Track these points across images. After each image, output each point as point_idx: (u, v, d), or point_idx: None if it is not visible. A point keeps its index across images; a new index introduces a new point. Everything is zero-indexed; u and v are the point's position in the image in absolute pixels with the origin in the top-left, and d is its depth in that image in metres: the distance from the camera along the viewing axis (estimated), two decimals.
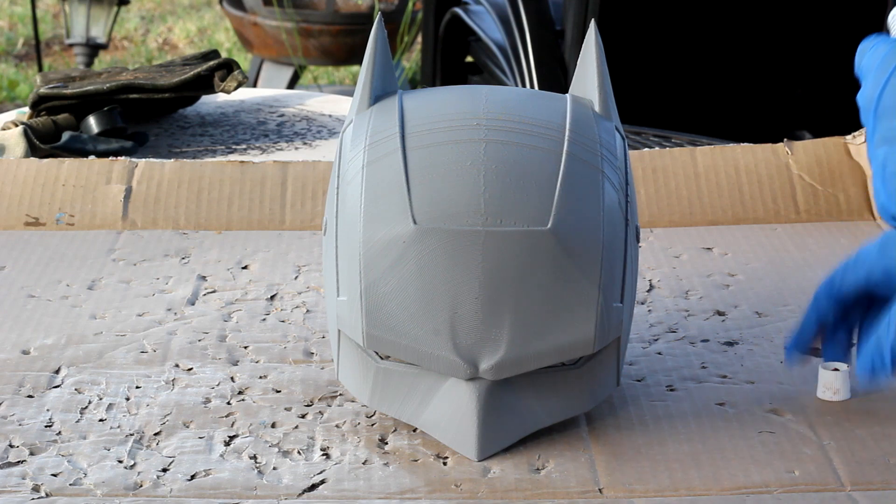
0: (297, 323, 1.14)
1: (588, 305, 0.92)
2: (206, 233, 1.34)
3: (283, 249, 1.30)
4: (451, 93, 1.01)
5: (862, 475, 0.92)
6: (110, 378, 1.04)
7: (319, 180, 1.39)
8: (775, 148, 1.41)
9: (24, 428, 0.97)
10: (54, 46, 5.49)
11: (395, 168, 0.93)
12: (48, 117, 1.63)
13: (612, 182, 0.94)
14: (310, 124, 1.79)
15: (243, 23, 4.05)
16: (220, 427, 0.98)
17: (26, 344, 1.10)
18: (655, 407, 1.00)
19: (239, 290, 1.21)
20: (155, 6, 6.12)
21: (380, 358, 0.95)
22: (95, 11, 4.29)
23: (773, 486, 0.90)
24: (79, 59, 4.31)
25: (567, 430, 0.97)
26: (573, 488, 0.90)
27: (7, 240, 1.32)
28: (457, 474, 0.92)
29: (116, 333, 1.12)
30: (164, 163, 1.40)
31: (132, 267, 1.26)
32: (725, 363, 1.07)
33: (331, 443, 0.96)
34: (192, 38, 5.68)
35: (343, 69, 5.03)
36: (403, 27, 3.96)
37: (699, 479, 0.91)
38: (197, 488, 0.90)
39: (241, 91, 1.88)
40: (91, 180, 1.38)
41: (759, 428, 0.97)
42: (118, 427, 0.97)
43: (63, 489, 0.90)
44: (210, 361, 1.07)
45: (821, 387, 1.02)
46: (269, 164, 1.41)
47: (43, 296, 1.19)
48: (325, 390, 1.03)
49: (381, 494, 0.90)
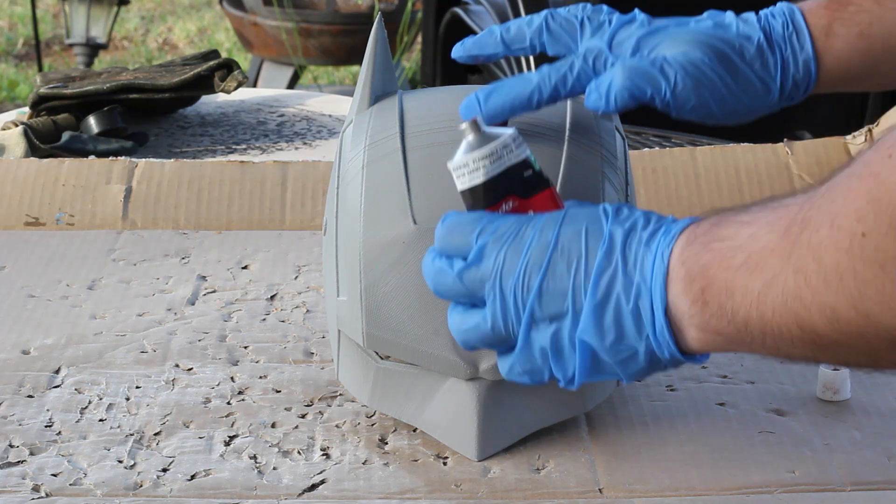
0: (297, 323, 1.14)
1: None
2: (206, 233, 1.34)
3: (283, 249, 1.30)
4: (451, 93, 1.01)
5: (862, 475, 0.92)
6: (110, 378, 1.04)
7: (319, 180, 1.39)
8: (775, 148, 1.41)
9: (24, 428, 0.97)
10: (54, 46, 5.49)
11: (395, 168, 0.93)
12: (48, 117, 1.63)
13: (613, 183, 0.94)
14: (310, 124, 1.79)
15: (243, 23, 4.05)
16: (220, 427, 0.98)
17: (26, 344, 1.10)
18: (655, 407, 1.00)
19: (239, 290, 1.21)
20: (155, 6, 6.12)
21: (380, 358, 0.95)
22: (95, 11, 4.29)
23: (774, 486, 0.90)
24: (79, 59, 4.32)
25: (567, 430, 0.97)
26: (573, 488, 0.90)
27: (7, 240, 1.32)
28: (457, 474, 0.92)
29: (116, 333, 1.12)
30: (164, 163, 1.40)
31: (132, 267, 1.26)
32: (726, 363, 1.07)
33: (331, 443, 0.96)
34: (192, 38, 5.68)
35: (343, 69, 5.04)
36: (403, 27, 3.96)
37: (699, 479, 0.91)
38: (197, 488, 0.90)
39: (241, 91, 1.88)
40: (91, 180, 1.38)
41: (759, 428, 0.97)
42: (118, 427, 0.97)
43: (63, 489, 0.90)
44: (210, 361, 1.07)
45: (821, 387, 1.02)
46: (269, 164, 1.41)
47: (43, 296, 1.19)
48: (325, 390, 1.03)
49: (381, 494, 0.90)
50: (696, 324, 0.80)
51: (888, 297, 0.69)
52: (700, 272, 0.79)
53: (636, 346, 0.82)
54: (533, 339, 0.84)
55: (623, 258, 0.82)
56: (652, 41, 0.95)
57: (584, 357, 0.83)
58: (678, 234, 0.81)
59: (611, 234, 0.82)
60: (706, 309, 0.79)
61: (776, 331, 0.76)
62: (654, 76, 0.93)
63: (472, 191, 0.86)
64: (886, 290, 0.69)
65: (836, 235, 0.71)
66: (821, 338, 0.74)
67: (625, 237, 0.82)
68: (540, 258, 0.83)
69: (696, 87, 0.93)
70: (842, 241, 0.71)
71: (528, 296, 0.83)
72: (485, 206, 0.86)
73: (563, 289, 0.82)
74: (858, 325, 0.72)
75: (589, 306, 0.82)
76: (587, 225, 0.83)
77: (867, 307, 0.71)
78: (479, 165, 0.85)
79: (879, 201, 0.69)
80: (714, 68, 0.94)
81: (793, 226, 0.75)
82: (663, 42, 0.94)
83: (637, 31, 0.95)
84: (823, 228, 0.72)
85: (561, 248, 0.83)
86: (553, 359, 0.84)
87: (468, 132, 0.86)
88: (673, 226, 0.82)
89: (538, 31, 0.98)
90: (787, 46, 0.96)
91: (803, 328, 0.75)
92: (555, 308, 0.83)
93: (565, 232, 0.83)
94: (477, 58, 1.00)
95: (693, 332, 0.80)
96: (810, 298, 0.73)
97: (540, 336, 0.84)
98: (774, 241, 0.76)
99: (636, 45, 0.95)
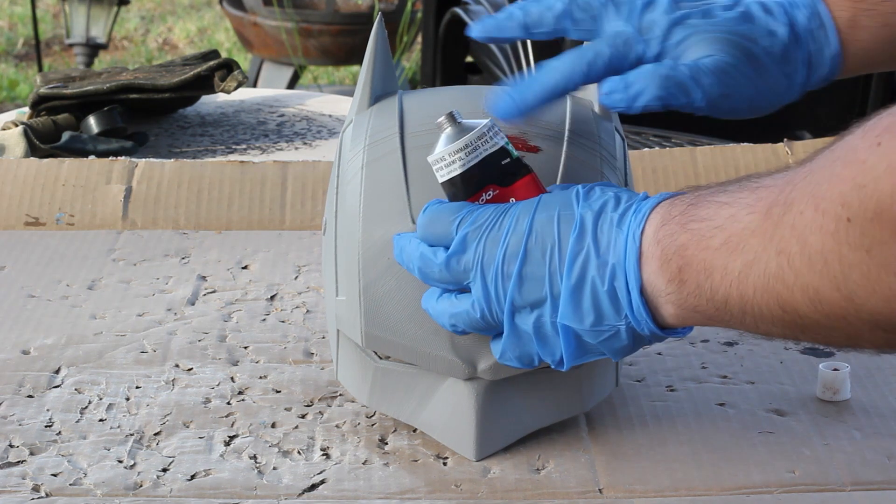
0: (297, 323, 1.14)
1: None
2: (206, 233, 1.34)
3: (283, 249, 1.30)
4: (451, 93, 1.01)
5: (862, 475, 0.92)
6: (110, 378, 1.04)
7: (319, 180, 1.39)
8: (775, 148, 1.41)
9: (24, 428, 0.97)
10: (54, 46, 5.49)
11: (395, 168, 0.93)
12: (48, 117, 1.63)
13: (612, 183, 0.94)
14: (310, 124, 1.79)
15: (243, 23, 4.05)
16: (220, 427, 0.98)
17: (26, 344, 1.10)
18: (655, 407, 1.00)
19: (239, 290, 1.21)
20: (155, 6, 6.12)
21: (378, 358, 0.95)
22: (95, 11, 4.29)
23: (774, 486, 0.90)
24: (79, 59, 4.32)
25: (567, 431, 0.97)
26: (573, 489, 0.90)
27: (7, 240, 1.32)
28: (457, 474, 0.92)
29: (116, 333, 1.12)
30: (164, 163, 1.40)
31: (132, 267, 1.26)
32: (726, 363, 1.07)
33: (331, 443, 0.96)
34: (192, 38, 5.68)
35: (343, 69, 5.03)
36: (403, 27, 3.96)
37: (699, 480, 0.91)
38: (197, 488, 0.90)
39: (241, 91, 1.88)
40: (91, 180, 1.38)
41: (759, 428, 0.97)
42: (118, 427, 0.97)
43: (63, 489, 0.90)
44: (210, 361, 1.07)
45: (821, 387, 1.02)
46: (269, 164, 1.41)
47: (43, 296, 1.19)
48: (325, 390, 1.03)
49: (381, 495, 0.90)
50: (674, 301, 0.81)
51: (873, 281, 0.70)
52: (677, 252, 0.80)
53: (617, 326, 0.83)
54: (518, 326, 0.86)
55: (595, 241, 0.83)
56: (678, 33, 0.93)
57: (567, 340, 0.85)
58: (649, 212, 0.82)
59: (581, 218, 0.84)
60: (683, 287, 0.80)
61: (756, 310, 0.77)
62: (689, 87, 0.91)
63: (450, 182, 0.88)
64: (871, 273, 0.70)
65: (821, 219, 0.71)
66: (802, 318, 0.75)
67: (595, 219, 0.84)
68: (516, 246, 0.84)
69: (727, 93, 0.92)
70: (827, 225, 0.71)
71: (508, 284, 0.84)
72: (465, 196, 0.88)
73: (541, 275, 0.84)
74: (841, 307, 0.73)
75: (566, 291, 0.83)
76: (559, 210, 0.84)
77: (851, 290, 0.71)
78: (456, 158, 0.87)
79: (865, 188, 0.69)
80: (744, 72, 0.92)
81: (774, 207, 0.75)
82: (693, 38, 0.92)
83: (663, 18, 0.93)
84: (808, 211, 0.73)
85: (536, 236, 0.84)
86: (538, 344, 0.86)
87: (445, 125, 0.87)
88: (643, 204, 0.83)
89: (560, 16, 0.95)
90: (813, 41, 0.94)
91: (785, 308, 0.76)
92: (534, 295, 0.84)
93: (539, 219, 0.84)
94: (495, 40, 0.98)
95: (670, 309, 0.82)
96: (793, 280, 0.74)
97: (524, 322, 0.85)
98: (755, 222, 0.76)
99: (665, 33, 0.92)
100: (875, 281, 0.70)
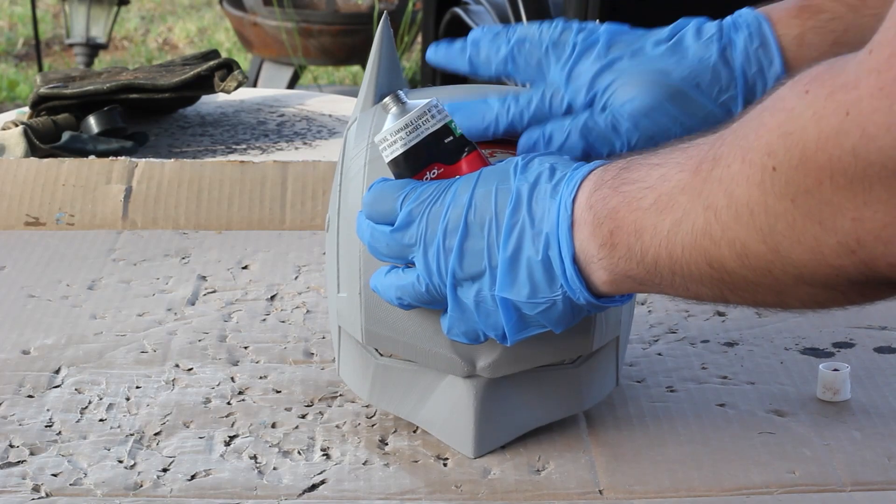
0: (298, 323, 1.14)
1: None
2: (206, 233, 1.34)
3: (283, 249, 1.30)
4: (452, 92, 1.01)
5: (862, 475, 0.92)
6: (110, 378, 1.04)
7: (319, 180, 1.39)
8: None
9: (24, 428, 0.97)
10: (54, 46, 5.49)
11: None
12: (48, 117, 1.63)
13: None
14: (310, 124, 1.79)
15: (243, 23, 4.06)
16: (221, 427, 0.98)
17: (26, 344, 1.10)
18: (656, 408, 1.00)
19: (239, 290, 1.21)
20: (155, 6, 6.12)
21: (379, 355, 0.95)
22: (95, 11, 4.29)
23: (774, 486, 0.90)
24: (79, 59, 4.32)
25: (567, 431, 0.97)
26: (573, 489, 0.90)
27: (7, 240, 1.32)
28: (457, 475, 0.92)
29: (116, 333, 1.12)
30: (164, 163, 1.40)
31: (132, 267, 1.26)
32: (726, 364, 1.07)
33: (331, 443, 0.96)
34: (192, 38, 5.68)
35: (343, 69, 5.04)
36: (403, 27, 3.96)
37: (700, 480, 0.91)
38: (197, 488, 0.90)
39: (241, 91, 1.88)
40: (91, 180, 1.38)
41: (759, 429, 0.97)
42: (118, 427, 0.97)
43: (63, 489, 0.90)
44: (210, 361, 1.07)
45: (821, 387, 1.02)
46: (269, 164, 1.41)
47: (43, 296, 1.19)
48: (325, 391, 1.03)
49: (381, 495, 0.90)
50: (605, 266, 0.81)
51: (798, 231, 0.69)
52: (608, 215, 0.80)
53: (553, 297, 0.84)
54: (461, 299, 0.86)
55: (529, 212, 0.84)
56: (605, 79, 0.92)
57: (507, 313, 0.85)
58: (582, 179, 0.83)
59: (518, 190, 0.84)
60: (615, 251, 0.80)
61: (685, 269, 0.77)
62: (609, 138, 0.91)
63: (394, 162, 0.88)
64: (797, 223, 0.69)
65: (748, 170, 0.71)
66: (730, 275, 0.75)
67: (531, 191, 0.84)
68: (457, 221, 0.85)
69: (651, 135, 0.91)
70: (753, 176, 0.71)
71: (450, 258, 0.85)
72: (410, 175, 0.88)
73: (480, 249, 0.85)
74: (767, 259, 0.72)
75: (503, 262, 0.84)
76: (497, 184, 0.85)
77: (777, 241, 0.71)
78: (398, 137, 0.88)
79: (791, 135, 0.68)
80: (668, 112, 0.91)
81: (703, 163, 0.75)
82: (618, 82, 0.92)
83: (593, 66, 0.93)
84: (735, 164, 0.72)
85: (475, 209, 0.85)
86: (479, 317, 0.86)
87: (390, 105, 0.89)
88: (576, 172, 0.84)
89: (504, 60, 0.96)
90: (753, 63, 0.92)
91: (712, 265, 0.75)
92: (474, 268, 0.85)
93: (478, 193, 0.85)
94: (443, 69, 1.00)
95: (603, 276, 0.82)
96: (720, 234, 0.74)
97: (465, 295, 0.86)
98: (685, 179, 0.76)
99: (591, 82, 0.92)
100: (800, 231, 0.69)
